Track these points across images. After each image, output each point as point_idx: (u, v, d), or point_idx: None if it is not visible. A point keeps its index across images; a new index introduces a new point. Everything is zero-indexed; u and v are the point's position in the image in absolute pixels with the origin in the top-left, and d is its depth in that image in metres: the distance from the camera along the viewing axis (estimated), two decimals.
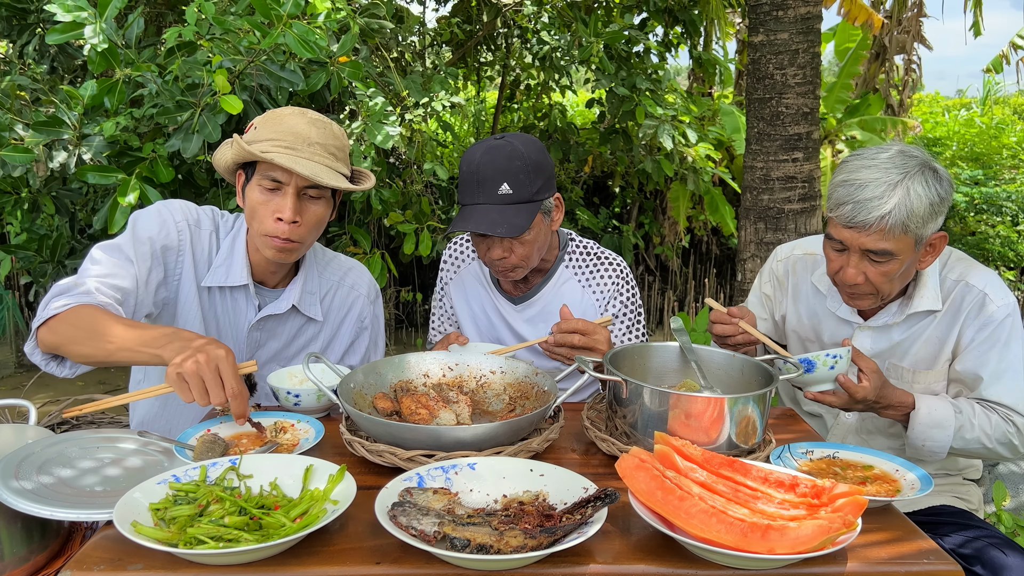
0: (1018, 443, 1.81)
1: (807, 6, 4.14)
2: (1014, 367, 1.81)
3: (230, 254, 1.90)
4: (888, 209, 1.66)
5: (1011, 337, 1.82)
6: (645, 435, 1.48)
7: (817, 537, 1.12)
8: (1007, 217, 7.85)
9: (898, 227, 1.67)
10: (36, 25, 3.58)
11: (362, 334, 2.12)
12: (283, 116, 1.80)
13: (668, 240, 7.73)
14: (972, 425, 1.80)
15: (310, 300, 1.99)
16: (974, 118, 10.73)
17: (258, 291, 1.94)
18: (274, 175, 1.75)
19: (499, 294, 2.22)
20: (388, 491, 1.24)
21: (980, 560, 1.73)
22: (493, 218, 1.91)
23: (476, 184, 1.94)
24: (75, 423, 3.17)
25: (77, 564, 1.12)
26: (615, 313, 2.18)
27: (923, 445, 1.82)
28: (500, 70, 7.17)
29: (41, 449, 1.48)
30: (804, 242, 2.15)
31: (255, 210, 1.79)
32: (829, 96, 8.16)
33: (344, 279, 2.08)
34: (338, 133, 1.85)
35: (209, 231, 1.91)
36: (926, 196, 1.67)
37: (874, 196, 1.67)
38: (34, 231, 3.20)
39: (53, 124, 2.82)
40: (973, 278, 1.85)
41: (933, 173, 1.71)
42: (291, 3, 2.68)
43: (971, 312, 1.83)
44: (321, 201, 1.82)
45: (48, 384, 5.40)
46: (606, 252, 2.22)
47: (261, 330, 1.97)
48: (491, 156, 1.94)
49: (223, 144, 1.86)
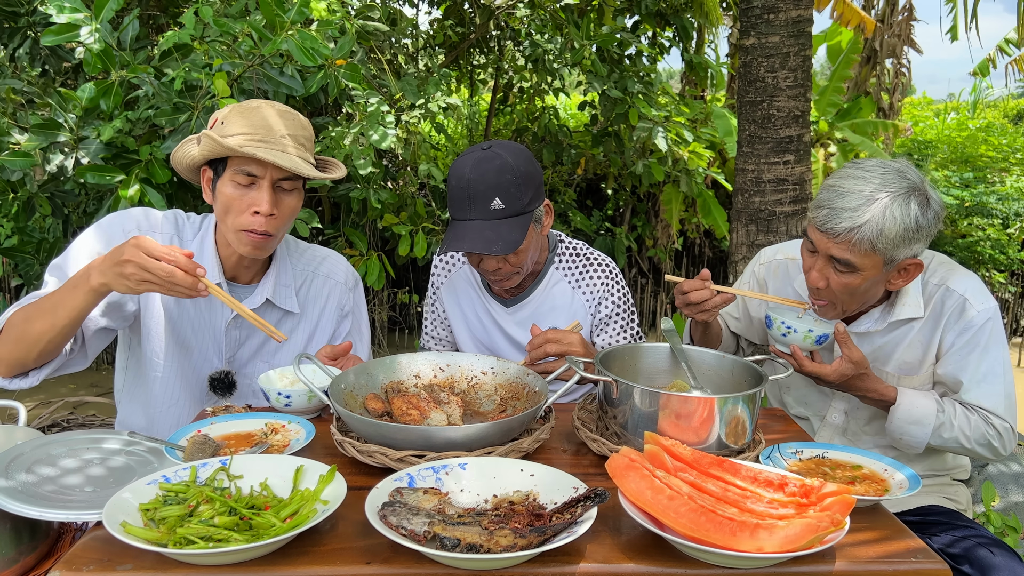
0: (998, 445, 1.83)
1: (798, 9, 4.16)
2: (994, 371, 1.83)
3: (200, 254, 1.88)
4: (859, 223, 1.66)
5: (991, 342, 1.83)
6: (635, 435, 1.48)
7: (805, 536, 1.12)
8: (997, 220, 7.89)
9: (865, 243, 1.67)
10: (27, 28, 3.57)
11: (343, 322, 2.09)
12: (251, 109, 1.79)
13: (661, 243, 7.75)
14: (952, 425, 1.82)
15: (285, 293, 1.97)
16: (965, 121, 10.79)
17: (232, 288, 1.93)
18: (249, 169, 1.75)
19: (490, 297, 2.23)
20: (378, 491, 1.25)
21: (968, 560, 1.74)
22: (488, 236, 1.90)
23: (468, 200, 1.93)
24: (65, 425, 3.15)
25: (66, 565, 1.12)
26: (607, 314, 2.18)
27: (900, 438, 1.86)
28: (493, 73, 7.18)
29: (31, 450, 1.48)
30: (787, 247, 2.16)
31: (229, 205, 1.78)
32: (821, 99, 8.20)
33: (319, 269, 2.06)
34: (305, 123, 1.86)
35: (169, 235, 1.89)
36: (902, 220, 1.66)
37: (850, 207, 1.67)
38: (28, 233, 3.19)
39: (50, 127, 2.81)
40: (954, 283, 1.86)
41: (921, 199, 1.69)
42: (295, 10, 2.68)
43: (952, 317, 1.85)
44: (294, 193, 1.83)
45: (39, 387, 5.38)
46: (594, 252, 2.22)
47: (239, 328, 1.95)
48: (480, 171, 1.92)
49: (184, 142, 1.84)
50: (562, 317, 2.18)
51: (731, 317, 2.25)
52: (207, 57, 2.87)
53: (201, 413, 1.72)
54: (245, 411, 1.72)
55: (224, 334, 1.94)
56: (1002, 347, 1.84)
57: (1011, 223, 7.93)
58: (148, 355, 1.91)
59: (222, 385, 1.95)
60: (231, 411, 1.71)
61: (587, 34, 5.32)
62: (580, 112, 6.93)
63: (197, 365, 1.94)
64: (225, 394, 1.96)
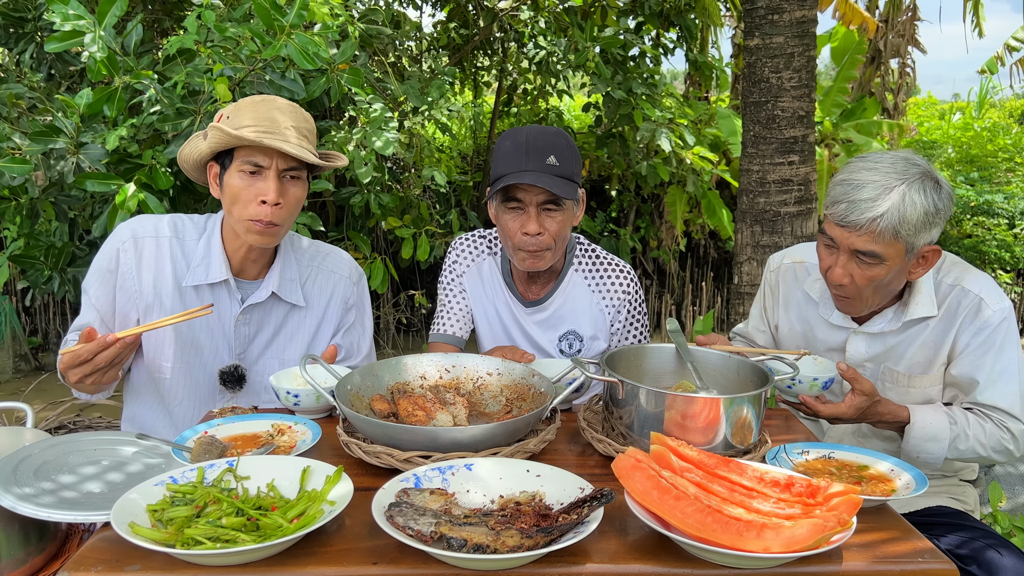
0: (1013, 448, 1.81)
1: (802, 10, 4.16)
2: (1009, 371, 1.82)
3: (207, 252, 1.94)
4: (881, 212, 1.66)
5: (1006, 341, 1.82)
6: (641, 436, 1.48)
7: (812, 536, 1.12)
8: (1003, 220, 7.87)
9: (889, 231, 1.67)
10: (34, 33, 3.58)
11: (347, 314, 2.13)
12: (256, 103, 1.85)
13: (665, 244, 7.75)
14: (967, 436, 1.80)
15: (290, 287, 2.01)
16: (970, 122, 10.76)
17: (239, 284, 1.97)
18: (255, 159, 1.80)
19: (512, 296, 2.23)
20: (385, 492, 1.25)
21: (976, 560, 1.73)
22: (545, 180, 1.95)
23: (525, 154, 1.97)
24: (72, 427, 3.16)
25: (75, 565, 1.12)
26: (626, 322, 2.19)
27: (918, 457, 1.83)
28: (497, 75, 7.19)
29: (39, 452, 1.48)
30: (794, 251, 2.15)
31: (237, 196, 1.83)
32: (825, 99, 8.19)
33: (323, 263, 2.10)
34: (307, 117, 1.91)
35: (168, 238, 1.95)
36: (921, 204, 1.67)
37: (869, 198, 1.68)
38: (34, 237, 3.20)
39: (50, 133, 2.82)
40: (969, 283, 1.85)
41: (934, 184, 1.71)
42: (294, 14, 2.69)
43: (967, 317, 1.83)
44: (299, 182, 1.88)
45: (46, 389, 5.40)
46: (614, 259, 2.23)
47: (248, 323, 1.98)
48: (537, 131, 2.01)
49: (192, 138, 1.89)
50: (582, 321, 2.18)
51: (757, 332, 2.24)
52: (209, 61, 2.88)
53: (208, 414, 1.73)
54: (252, 412, 1.73)
55: (233, 330, 1.97)
56: (1016, 347, 1.83)
57: (1017, 223, 7.91)
58: (156, 356, 1.94)
59: (232, 379, 1.99)
60: (237, 412, 1.71)
61: (591, 36, 5.33)
62: (584, 114, 6.94)
63: (208, 362, 1.98)
64: (235, 388, 1.99)
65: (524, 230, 2.01)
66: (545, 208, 1.99)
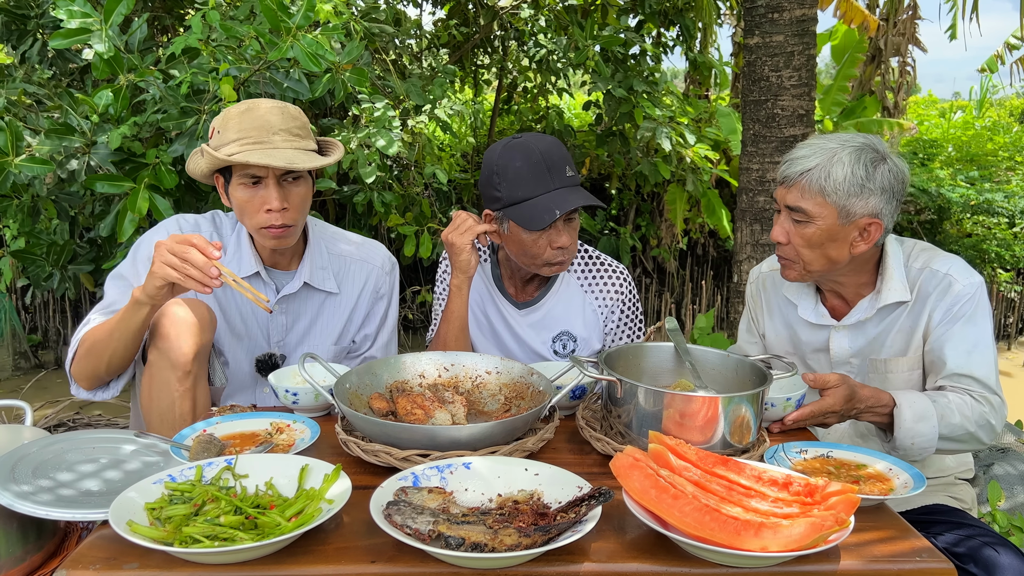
0: (995, 422, 1.81)
1: (802, 8, 4.15)
2: (983, 341, 1.83)
3: (237, 247, 2.00)
4: (809, 166, 1.77)
5: (976, 312, 1.84)
6: (640, 434, 1.48)
7: (810, 535, 1.12)
8: (1003, 219, 7.87)
9: (815, 187, 1.76)
10: (36, 31, 3.58)
11: (377, 303, 2.18)
12: (241, 113, 1.86)
13: (665, 242, 7.74)
14: (952, 410, 1.78)
15: (322, 275, 2.06)
16: (970, 120, 10.75)
17: (272, 275, 2.03)
18: (251, 171, 1.84)
19: (503, 298, 2.22)
20: (383, 490, 1.25)
21: (974, 559, 1.73)
22: (582, 195, 1.98)
23: (547, 171, 1.97)
24: (71, 424, 3.17)
25: (73, 564, 1.12)
26: (619, 323, 2.19)
27: (912, 444, 1.79)
28: (497, 73, 7.18)
29: (37, 449, 1.49)
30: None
31: (244, 207, 1.88)
32: (825, 98, 8.19)
33: (356, 252, 2.15)
34: (295, 113, 1.92)
35: (209, 232, 2.01)
36: (850, 166, 1.75)
37: (803, 155, 1.80)
38: (35, 235, 3.20)
39: (65, 131, 2.83)
40: (937, 264, 1.89)
41: (873, 155, 1.77)
42: (301, 15, 2.69)
43: (937, 294, 1.86)
44: (301, 181, 1.91)
45: (46, 387, 5.40)
46: (607, 259, 2.23)
47: (285, 313, 2.04)
48: (545, 143, 2.01)
49: (194, 153, 1.91)
50: (575, 321, 2.18)
51: (749, 345, 2.23)
52: (213, 61, 2.88)
53: (207, 413, 1.73)
54: (250, 410, 1.73)
55: (269, 320, 2.03)
56: (988, 320, 1.85)
57: (1017, 221, 7.90)
58: None
59: (267, 367, 2.04)
60: (236, 410, 1.72)
61: (591, 34, 5.32)
62: (584, 112, 6.93)
63: (248, 351, 2.04)
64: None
65: (557, 244, 2.02)
66: (568, 219, 2.02)
